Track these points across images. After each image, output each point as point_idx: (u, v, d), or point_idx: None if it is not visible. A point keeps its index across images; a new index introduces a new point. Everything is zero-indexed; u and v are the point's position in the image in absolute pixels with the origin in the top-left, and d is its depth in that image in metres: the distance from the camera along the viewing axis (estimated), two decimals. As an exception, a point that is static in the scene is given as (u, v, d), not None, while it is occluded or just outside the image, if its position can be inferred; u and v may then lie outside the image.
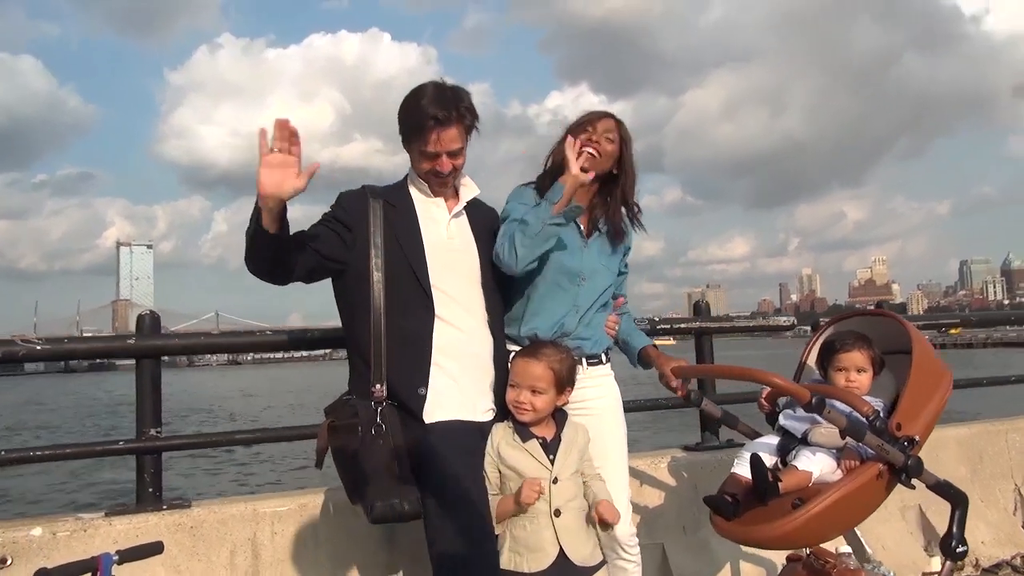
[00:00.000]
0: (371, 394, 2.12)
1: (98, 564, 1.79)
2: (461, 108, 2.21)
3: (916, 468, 2.23)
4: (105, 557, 1.81)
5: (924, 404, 2.34)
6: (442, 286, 2.22)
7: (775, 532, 2.19)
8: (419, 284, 2.20)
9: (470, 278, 2.31)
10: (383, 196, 2.29)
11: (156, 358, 2.70)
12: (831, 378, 2.48)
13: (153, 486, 2.66)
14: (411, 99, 2.23)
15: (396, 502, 2.02)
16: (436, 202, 2.33)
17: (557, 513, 2.16)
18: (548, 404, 2.22)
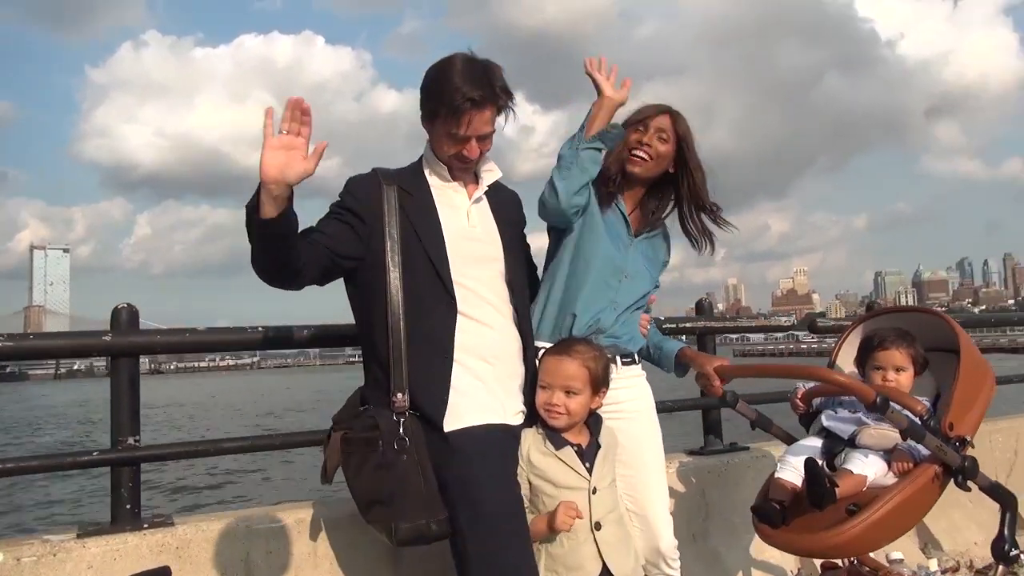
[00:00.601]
0: (392, 404, 1.89)
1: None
2: (497, 88, 2.00)
3: (972, 469, 2.14)
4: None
5: (972, 403, 2.25)
6: (464, 280, 2.00)
7: (833, 540, 2.06)
8: (439, 278, 1.98)
9: (494, 269, 2.10)
10: (396, 181, 2.05)
11: (135, 357, 2.39)
12: (868, 377, 2.37)
13: (131, 502, 2.34)
14: (439, 74, 2.00)
15: (423, 523, 1.82)
16: (455, 187, 2.11)
17: (598, 526, 1.96)
18: (583, 406, 2.02)
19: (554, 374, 2.01)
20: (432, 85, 2.02)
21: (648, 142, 2.27)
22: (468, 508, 1.81)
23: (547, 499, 1.96)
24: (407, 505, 1.81)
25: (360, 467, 1.90)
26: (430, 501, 1.83)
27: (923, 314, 2.46)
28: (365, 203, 2.00)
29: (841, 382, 2.04)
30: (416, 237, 1.99)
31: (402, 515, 1.81)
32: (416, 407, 1.89)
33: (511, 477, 1.91)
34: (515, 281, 2.13)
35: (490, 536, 1.80)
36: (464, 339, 1.97)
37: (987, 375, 2.31)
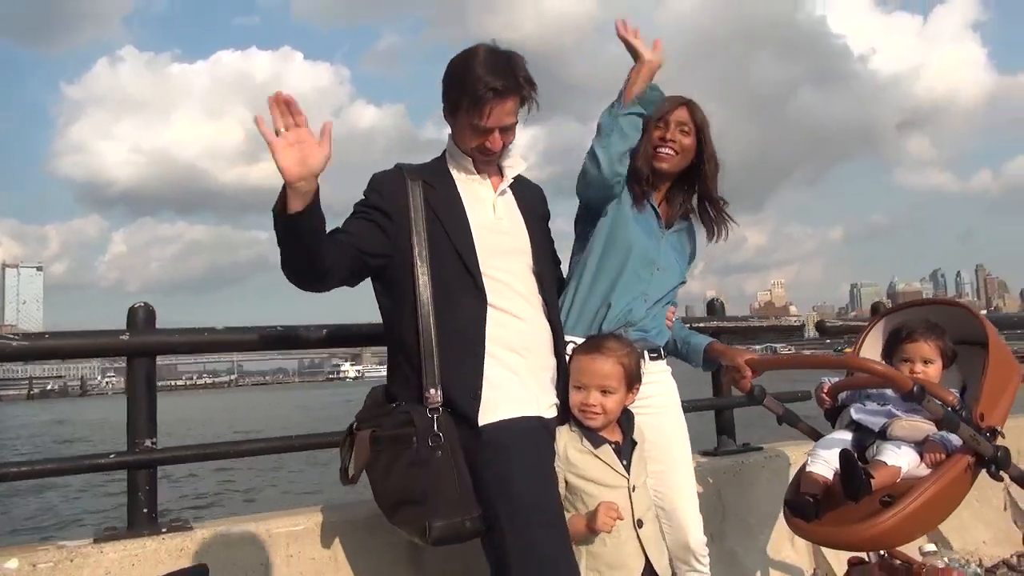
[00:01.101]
0: (425, 400, 1.84)
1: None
2: (520, 79, 1.97)
3: (1005, 459, 2.13)
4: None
5: (1001, 395, 2.25)
6: (493, 272, 1.97)
7: (868, 532, 2.04)
8: (467, 271, 1.94)
9: (522, 261, 2.07)
10: (421, 176, 2.02)
11: (152, 357, 2.33)
12: (896, 368, 2.35)
13: (148, 506, 2.27)
14: (461, 65, 1.97)
15: (458, 520, 1.77)
16: (479, 179, 2.08)
17: (639, 524, 1.93)
18: (618, 405, 1.99)
19: (589, 374, 1.97)
20: (454, 76, 1.99)
21: (672, 137, 2.28)
22: (506, 502, 1.78)
23: (587, 498, 1.93)
24: (441, 503, 1.77)
25: (391, 465, 1.86)
26: (464, 498, 1.79)
27: (950, 307, 2.46)
28: (390, 199, 1.97)
29: (880, 371, 2.03)
30: (443, 231, 1.96)
31: (436, 513, 1.77)
32: (448, 403, 1.85)
33: (548, 470, 1.88)
34: (543, 273, 2.10)
35: (528, 529, 1.76)
36: (495, 331, 1.94)
37: (1015, 368, 2.31)
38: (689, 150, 2.29)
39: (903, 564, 2.25)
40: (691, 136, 2.29)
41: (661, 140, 2.27)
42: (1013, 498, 4.03)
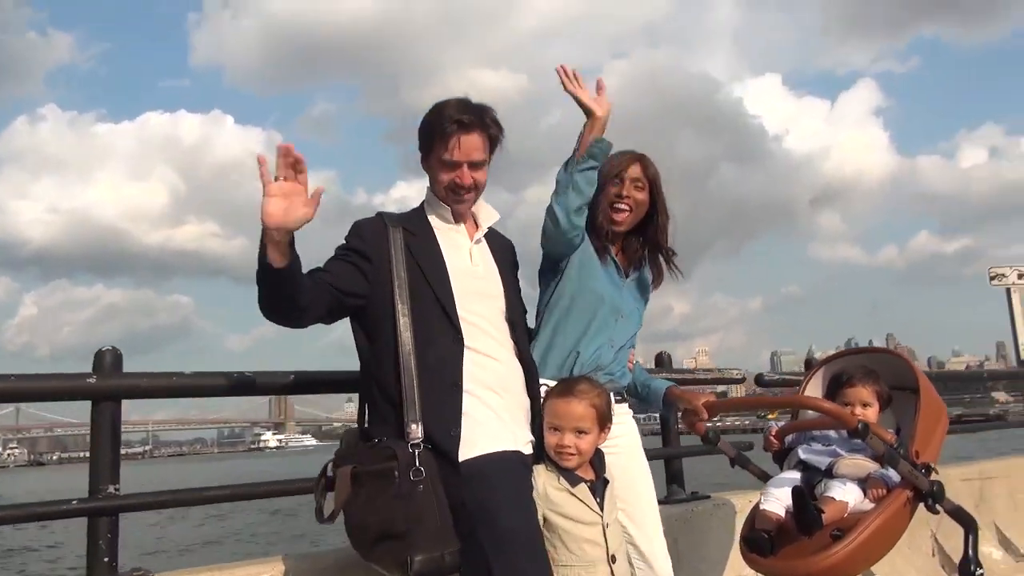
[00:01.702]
0: (406, 435, 1.89)
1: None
2: (486, 118, 2.12)
3: (940, 493, 2.29)
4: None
5: (932, 434, 2.43)
6: (468, 316, 2.06)
7: (822, 564, 2.16)
8: (445, 314, 2.03)
9: (495, 306, 2.17)
10: (401, 223, 2.12)
11: (118, 401, 2.30)
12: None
13: (109, 555, 2.21)
14: (432, 110, 2.13)
15: (438, 555, 1.80)
16: (457, 228, 2.19)
17: (613, 559, 2.01)
18: (592, 445, 2.07)
19: (564, 416, 2.05)
20: (426, 121, 2.14)
21: (627, 194, 2.41)
22: (490, 533, 1.82)
23: (564, 534, 1.99)
24: (422, 536, 1.80)
25: (372, 501, 1.88)
26: (445, 532, 1.82)
27: (883, 354, 2.66)
28: (371, 243, 2.06)
29: (828, 408, 2.19)
30: (422, 275, 2.05)
31: (417, 547, 1.79)
32: (428, 439, 1.90)
33: (529, 503, 1.94)
34: (515, 318, 2.19)
35: (513, 559, 1.81)
36: (473, 370, 2.01)
37: (943, 410, 2.51)
38: (643, 204, 2.44)
39: (852, 595, 2.36)
40: (645, 191, 2.44)
41: (617, 197, 2.41)
42: (940, 544, 4.24)
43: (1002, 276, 7.13)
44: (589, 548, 1.98)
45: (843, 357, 2.71)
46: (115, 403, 2.30)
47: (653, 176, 2.45)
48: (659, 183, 2.45)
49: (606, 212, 2.41)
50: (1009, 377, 7.77)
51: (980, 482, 4.65)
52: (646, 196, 2.44)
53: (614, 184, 2.42)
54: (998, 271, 7.21)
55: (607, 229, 2.42)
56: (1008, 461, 5.24)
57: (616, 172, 2.42)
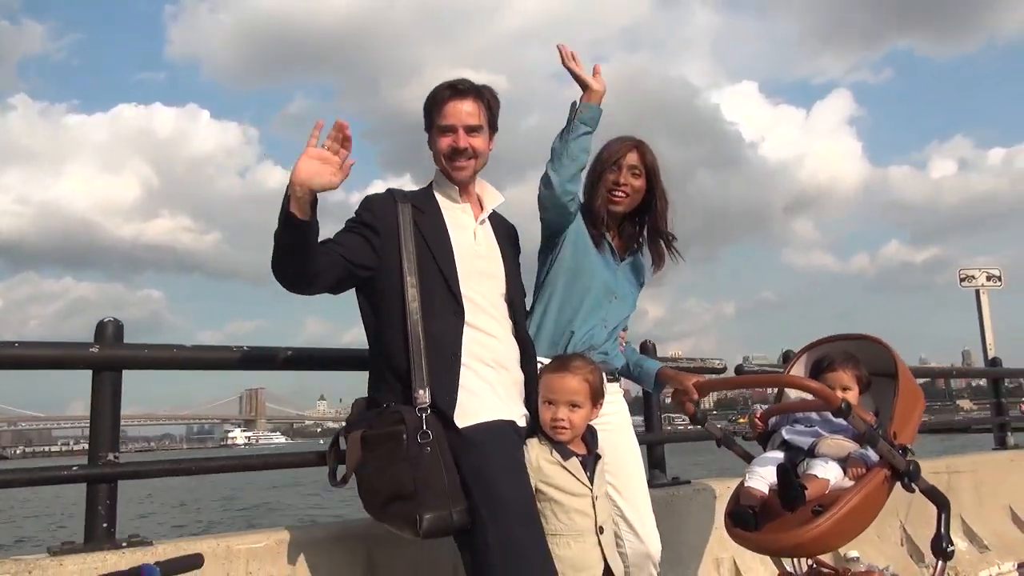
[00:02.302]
0: (414, 400, 1.96)
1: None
2: (481, 88, 2.21)
3: (916, 472, 2.39)
4: (148, 568, 1.51)
5: (910, 417, 2.53)
6: (470, 293, 2.13)
7: (804, 537, 2.24)
8: (449, 290, 2.10)
9: (496, 286, 2.24)
10: (410, 200, 2.19)
11: (119, 371, 2.32)
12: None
13: (107, 521, 2.23)
14: (434, 89, 2.23)
15: (446, 513, 1.87)
16: (463, 207, 2.26)
17: (601, 530, 2.08)
18: (584, 420, 2.14)
19: (558, 391, 2.11)
20: (426, 99, 2.24)
21: (624, 181, 2.48)
22: (486, 497, 1.89)
23: (555, 505, 2.05)
24: (430, 496, 1.87)
25: (382, 463, 1.94)
26: (452, 492, 1.89)
27: (865, 341, 2.75)
28: (381, 217, 2.12)
29: (814, 387, 2.27)
30: (429, 251, 2.11)
31: (426, 506, 1.86)
32: (433, 405, 1.97)
33: (523, 470, 2.01)
34: (514, 299, 2.27)
35: (508, 524, 1.88)
36: (471, 346, 2.08)
37: (920, 395, 2.61)
38: (640, 191, 2.51)
39: (830, 571, 2.46)
40: (642, 178, 2.51)
41: (615, 184, 2.48)
42: (908, 534, 4.37)
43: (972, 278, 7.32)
44: (578, 518, 2.05)
45: (826, 343, 2.80)
46: (116, 373, 2.32)
47: (651, 163, 2.52)
48: (657, 169, 2.52)
49: (604, 198, 2.48)
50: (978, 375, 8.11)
51: (948, 476, 4.80)
52: (643, 183, 2.51)
53: (611, 171, 2.48)
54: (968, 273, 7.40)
55: (604, 215, 2.48)
56: (974, 457, 5.42)
57: (614, 159, 2.49)
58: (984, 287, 7.48)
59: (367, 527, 2.54)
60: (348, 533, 2.51)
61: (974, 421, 22.58)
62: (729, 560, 3.52)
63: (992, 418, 6.13)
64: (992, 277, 7.57)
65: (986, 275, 7.53)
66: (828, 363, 2.64)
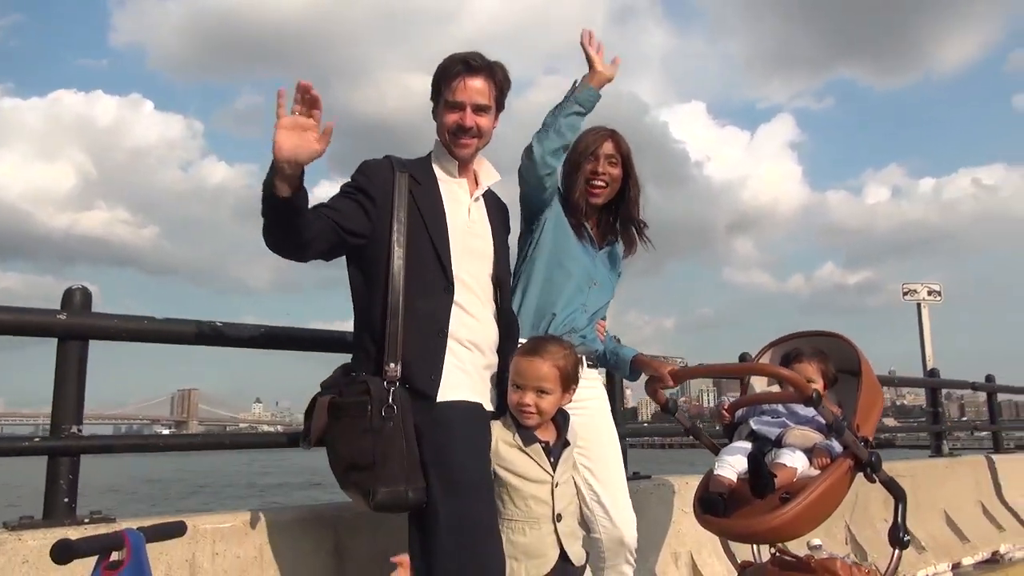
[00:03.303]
0: (384, 373, 1.95)
1: (125, 540, 1.44)
2: (494, 66, 2.19)
3: (878, 463, 2.48)
4: (131, 533, 1.46)
5: (871, 411, 2.62)
6: (460, 272, 2.11)
7: (772, 523, 2.30)
8: (441, 266, 2.08)
9: (485, 265, 2.23)
10: (408, 169, 2.16)
11: (85, 341, 2.24)
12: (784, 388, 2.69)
13: (68, 495, 2.15)
14: (444, 59, 2.20)
15: (401, 489, 1.86)
16: (459, 182, 2.25)
17: (559, 518, 2.04)
18: (553, 405, 2.09)
19: (526, 375, 2.06)
20: (436, 70, 2.20)
21: (603, 171, 2.52)
22: (442, 474, 1.89)
23: (511, 490, 2.02)
24: (387, 471, 1.85)
25: (346, 431, 1.93)
26: (411, 469, 1.87)
27: (831, 338, 2.84)
28: (377, 184, 2.09)
29: (787, 376, 2.34)
30: (422, 223, 2.09)
31: (381, 480, 1.84)
32: (406, 380, 1.95)
33: (484, 450, 2.00)
34: (502, 279, 2.26)
35: (462, 500, 1.87)
36: (454, 325, 2.07)
37: (880, 391, 2.71)
38: (617, 179, 2.55)
39: (793, 558, 2.52)
40: (619, 166, 2.55)
41: (593, 174, 2.51)
42: (852, 533, 4.52)
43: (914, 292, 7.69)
44: (535, 505, 2.01)
45: (792, 339, 2.88)
46: (83, 343, 2.24)
47: (626, 151, 2.56)
48: (631, 158, 2.56)
49: (583, 189, 2.51)
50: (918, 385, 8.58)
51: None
52: (620, 171, 2.55)
53: (589, 161, 2.51)
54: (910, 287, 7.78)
55: (583, 205, 2.51)
56: (912, 463, 5.63)
57: (591, 150, 2.52)
58: (925, 301, 7.81)
59: (336, 511, 2.52)
60: (317, 516, 2.47)
61: (897, 434, 23.43)
62: (687, 554, 3.57)
63: (929, 426, 6.37)
64: (933, 292, 7.91)
65: (927, 290, 7.87)
66: (795, 355, 2.71)
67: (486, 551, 1.89)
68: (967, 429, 9.60)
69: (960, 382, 6.75)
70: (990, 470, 6.10)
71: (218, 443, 2.55)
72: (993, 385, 6.76)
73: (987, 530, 5.59)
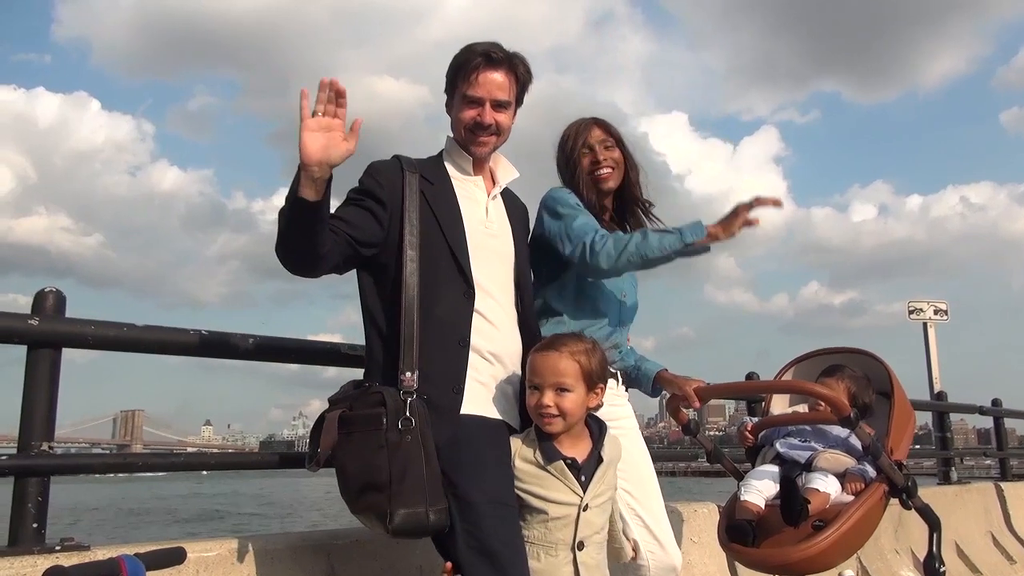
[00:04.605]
0: (400, 382, 1.88)
1: (121, 567, 1.36)
2: (516, 59, 2.15)
3: (914, 488, 2.46)
4: (129, 560, 1.38)
5: (904, 433, 2.60)
6: (479, 275, 2.06)
7: (804, 554, 2.27)
8: (460, 270, 2.03)
9: (505, 268, 2.18)
10: (419, 169, 2.12)
11: (58, 349, 2.15)
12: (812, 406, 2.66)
13: (38, 520, 2.05)
14: (462, 51, 2.15)
15: (421, 511, 1.79)
16: (475, 180, 2.21)
17: (580, 546, 1.92)
18: (577, 405, 1.93)
19: (542, 372, 1.94)
20: (453, 61, 2.16)
21: (603, 157, 2.48)
22: (464, 492, 1.83)
23: (529, 512, 1.92)
24: (406, 490, 1.78)
25: (359, 447, 1.85)
26: (432, 488, 1.81)
27: (858, 355, 2.82)
28: (387, 186, 2.05)
29: (822, 393, 2.31)
30: (437, 225, 2.05)
31: (400, 501, 1.78)
32: (425, 391, 1.89)
33: (508, 467, 1.94)
34: (522, 282, 2.22)
35: (479, 519, 1.81)
36: (475, 335, 2.02)
37: (912, 412, 2.70)
38: (621, 161, 2.52)
39: (825, 591, 2.48)
40: (616, 148, 2.51)
41: (594, 164, 2.47)
42: (864, 566, 4.51)
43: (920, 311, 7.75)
44: (555, 529, 1.91)
45: (818, 356, 2.86)
46: (55, 351, 2.15)
47: (617, 133, 2.53)
48: (623, 139, 2.54)
49: (587, 183, 2.47)
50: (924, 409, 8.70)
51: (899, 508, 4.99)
52: (619, 153, 2.51)
53: (584, 154, 2.48)
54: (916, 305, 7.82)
55: (594, 200, 2.47)
56: (927, 489, 5.65)
57: (582, 142, 2.48)
58: (931, 320, 7.88)
59: (328, 537, 2.45)
60: (307, 543, 2.40)
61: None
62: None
63: (937, 452, 6.41)
64: (939, 311, 8.00)
65: (934, 308, 7.95)
66: (830, 370, 2.68)
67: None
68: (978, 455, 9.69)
69: (967, 406, 6.80)
70: (999, 498, 6.15)
71: (201, 464, 2.45)
72: (1001, 410, 6.82)
73: (998, 562, 5.63)
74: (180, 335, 2.35)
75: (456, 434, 1.89)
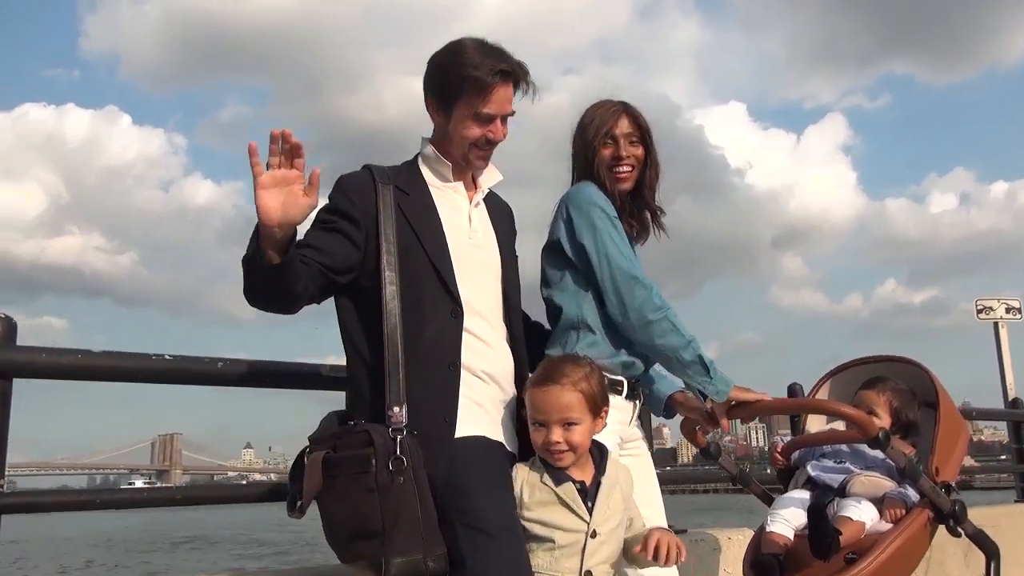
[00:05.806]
0: (388, 419, 1.80)
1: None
2: (515, 66, 2.05)
3: (962, 513, 2.29)
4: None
5: (952, 449, 2.44)
6: (466, 291, 1.98)
7: (837, 590, 2.11)
8: (444, 287, 1.96)
9: (492, 280, 2.10)
10: (392, 180, 2.03)
11: (9, 380, 2.11)
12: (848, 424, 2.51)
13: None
14: (453, 54, 2.04)
15: (419, 558, 1.72)
16: (455, 187, 2.11)
17: (588, 575, 1.88)
18: (585, 436, 1.93)
19: (546, 408, 1.91)
20: (449, 66, 2.04)
21: (625, 154, 2.34)
22: (464, 518, 1.77)
23: (535, 541, 1.87)
24: (400, 536, 1.71)
25: (345, 492, 1.77)
26: (428, 532, 1.74)
27: (899, 363, 2.66)
28: (359, 203, 1.97)
29: (847, 412, 2.16)
30: (417, 240, 1.97)
31: (395, 548, 1.70)
32: (415, 425, 1.82)
33: (510, 493, 1.88)
34: (511, 295, 2.14)
35: (486, 547, 1.75)
36: (466, 354, 1.95)
37: (963, 424, 2.53)
38: (642, 160, 2.38)
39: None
40: (640, 145, 2.37)
41: (615, 160, 2.33)
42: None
43: (990, 309, 7.34)
44: (562, 557, 1.86)
45: (854, 366, 2.71)
46: (6, 382, 2.11)
47: (645, 127, 2.39)
48: (651, 134, 2.40)
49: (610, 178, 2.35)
50: (998, 418, 8.29)
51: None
52: (642, 150, 2.38)
53: (606, 145, 2.35)
54: (986, 303, 7.38)
55: (617, 195, 2.35)
56: (996, 509, 5.41)
57: (606, 131, 2.34)
58: (1003, 320, 7.54)
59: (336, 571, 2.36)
60: None
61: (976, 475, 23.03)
62: (731, 622, 3.38)
63: (1013, 466, 6.12)
64: (1012, 309, 7.64)
65: (1005, 307, 7.60)
66: (871, 382, 2.54)
67: None
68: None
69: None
70: (1086, 517, 5.84)
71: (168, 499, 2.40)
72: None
73: (1087, 590, 5.33)
74: (141, 361, 2.30)
75: (453, 459, 1.83)
